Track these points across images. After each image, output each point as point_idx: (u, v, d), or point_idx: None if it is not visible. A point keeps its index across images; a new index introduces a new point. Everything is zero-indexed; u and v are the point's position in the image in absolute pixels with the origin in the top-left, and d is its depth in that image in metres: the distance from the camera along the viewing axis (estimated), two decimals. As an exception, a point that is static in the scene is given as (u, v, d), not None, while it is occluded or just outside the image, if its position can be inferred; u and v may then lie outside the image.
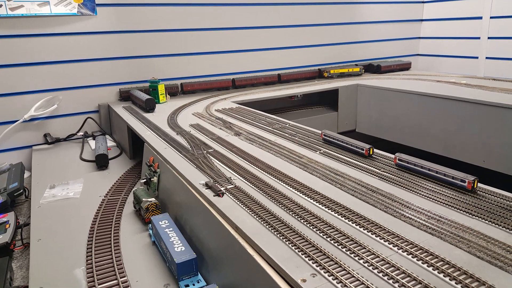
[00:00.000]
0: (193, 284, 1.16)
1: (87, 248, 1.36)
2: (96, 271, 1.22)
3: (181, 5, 2.95)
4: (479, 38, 3.74)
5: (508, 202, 1.07)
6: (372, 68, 3.83)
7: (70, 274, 1.24)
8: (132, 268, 1.26)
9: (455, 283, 0.77)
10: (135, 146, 2.28)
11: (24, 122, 2.53)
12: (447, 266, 0.82)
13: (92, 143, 2.57)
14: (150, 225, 1.46)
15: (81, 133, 2.73)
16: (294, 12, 3.47)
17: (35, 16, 2.47)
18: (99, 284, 1.16)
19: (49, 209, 1.70)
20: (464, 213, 1.04)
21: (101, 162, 2.13)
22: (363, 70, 3.57)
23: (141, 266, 1.28)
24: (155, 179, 1.66)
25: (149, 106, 2.45)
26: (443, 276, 0.79)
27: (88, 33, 2.66)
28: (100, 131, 2.80)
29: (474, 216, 1.02)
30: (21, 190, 1.92)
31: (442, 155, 2.69)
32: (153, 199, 1.54)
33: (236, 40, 3.25)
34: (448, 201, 1.10)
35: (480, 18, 3.70)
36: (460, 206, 1.07)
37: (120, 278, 1.19)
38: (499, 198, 1.10)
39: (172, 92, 2.97)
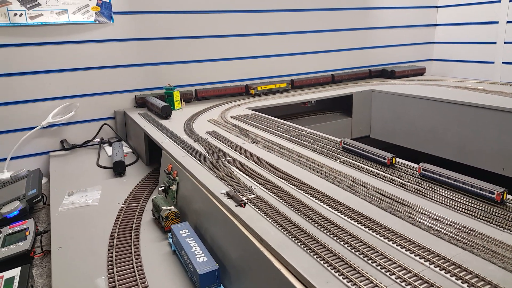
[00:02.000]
0: (216, 295, 1.15)
1: (108, 257, 1.36)
2: (118, 281, 1.22)
3: (196, 12, 2.96)
4: (495, 43, 3.69)
5: (540, 215, 1.04)
6: (386, 73, 3.80)
7: (92, 283, 1.24)
8: (154, 278, 1.26)
9: (492, 301, 0.75)
10: (151, 152, 2.29)
11: (41, 128, 2.56)
12: (482, 283, 0.79)
13: (108, 149, 2.59)
14: (170, 234, 1.45)
15: (97, 140, 2.75)
16: (306, 18, 3.47)
17: (53, 25, 2.50)
18: (121, 295, 1.15)
19: (69, 216, 1.71)
20: (495, 226, 1.01)
21: (118, 169, 2.14)
22: (290, 86, 3.31)
23: (162, 276, 1.27)
24: (174, 187, 1.66)
25: (166, 113, 2.46)
26: (479, 293, 0.77)
27: (104, 40, 2.69)
28: (116, 137, 2.82)
29: (505, 230, 0.99)
30: (40, 197, 1.93)
31: (458, 161, 2.65)
32: (173, 207, 1.54)
33: (249, 47, 3.25)
34: (477, 213, 1.07)
35: (496, 22, 3.65)
36: (490, 218, 1.04)
37: (142, 288, 1.18)
38: (530, 211, 1.07)
39: (187, 99, 2.98)
